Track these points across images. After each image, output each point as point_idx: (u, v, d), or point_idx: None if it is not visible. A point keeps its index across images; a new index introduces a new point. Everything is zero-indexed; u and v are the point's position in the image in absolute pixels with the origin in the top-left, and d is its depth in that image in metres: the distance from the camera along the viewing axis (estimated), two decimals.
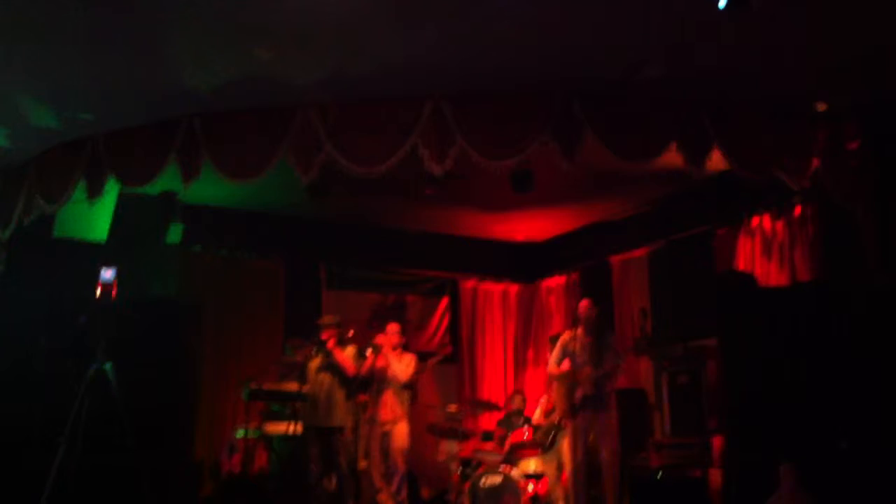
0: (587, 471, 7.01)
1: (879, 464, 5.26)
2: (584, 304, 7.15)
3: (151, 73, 5.53)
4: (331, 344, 7.21)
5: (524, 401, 8.98)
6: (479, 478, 7.77)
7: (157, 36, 5.03)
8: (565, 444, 7.70)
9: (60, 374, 5.60)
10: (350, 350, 7.33)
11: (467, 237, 10.18)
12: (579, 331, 7.03)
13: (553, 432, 7.93)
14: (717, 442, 6.91)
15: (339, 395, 7.22)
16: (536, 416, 8.30)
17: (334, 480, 7.31)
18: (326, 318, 7.48)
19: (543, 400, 8.63)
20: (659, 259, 8.80)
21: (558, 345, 7.25)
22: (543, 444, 8.04)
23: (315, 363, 7.32)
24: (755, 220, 7.53)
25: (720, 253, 7.92)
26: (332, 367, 7.23)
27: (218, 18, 4.82)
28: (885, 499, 5.18)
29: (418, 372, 7.64)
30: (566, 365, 7.07)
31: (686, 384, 7.63)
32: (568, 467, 7.41)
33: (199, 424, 7.62)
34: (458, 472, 8.04)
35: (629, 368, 8.49)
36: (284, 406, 7.88)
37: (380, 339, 7.53)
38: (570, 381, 6.99)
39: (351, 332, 7.39)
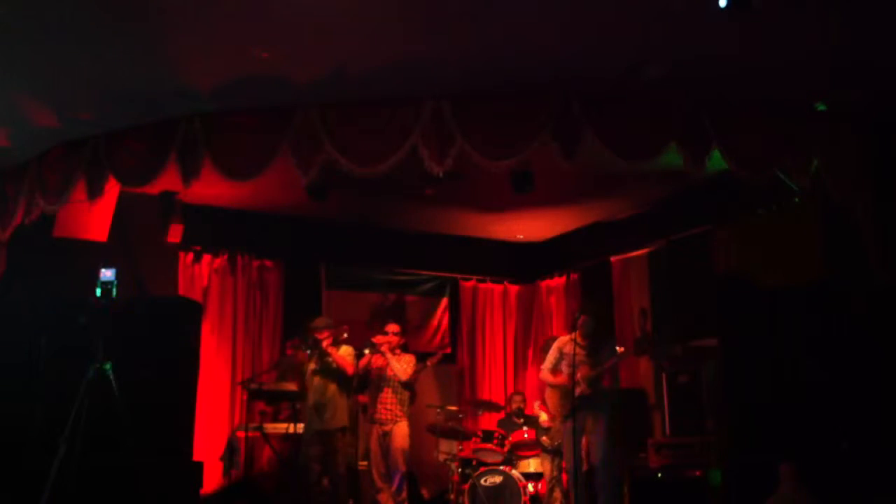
0: (584, 472, 7.01)
1: (879, 464, 5.27)
2: (581, 320, 7.06)
3: (151, 73, 5.54)
4: (326, 344, 7.19)
5: (524, 401, 8.99)
6: (479, 478, 7.79)
7: (158, 36, 5.03)
8: (565, 446, 7.72)
9: (60, 374, 5.59)
10: (346, 350, 7.32)
11: (467, 237, 10.19)
12: (577, 334, 6.99)
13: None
14: (717, 442, 6.91)
15: (338, 396, 7.19)
16: (543, 418, 8.30)
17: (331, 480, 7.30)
18: (319, 321, 7.44)
19: (537, 404, 8.60)
20: (659, 259, 8.80)
21: (553, 349, 7.19)
22: (551, 445, 8.04)
23: (311, 366, 7.30)
24: None
25: (720, 253, 7.92)
26: (328, 368, 7.21)
27: (218, 18, 4.82)
28: (885, 499, 5.18)
29: (418, 372, 7.63)
30: (561, 375, 7.04)
31: (686, 384, 7.63)
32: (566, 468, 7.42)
33: (199, 424, 7.62)
34: (458, 472, 8.05)
35: (629, 368, 8.51)
36: (278, 408, 7.88)
37: (378, 338, 7.53)
38: (565, 387, 6.94)
39: (345, 333, 7.36)
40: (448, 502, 8.22)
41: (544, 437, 8.16)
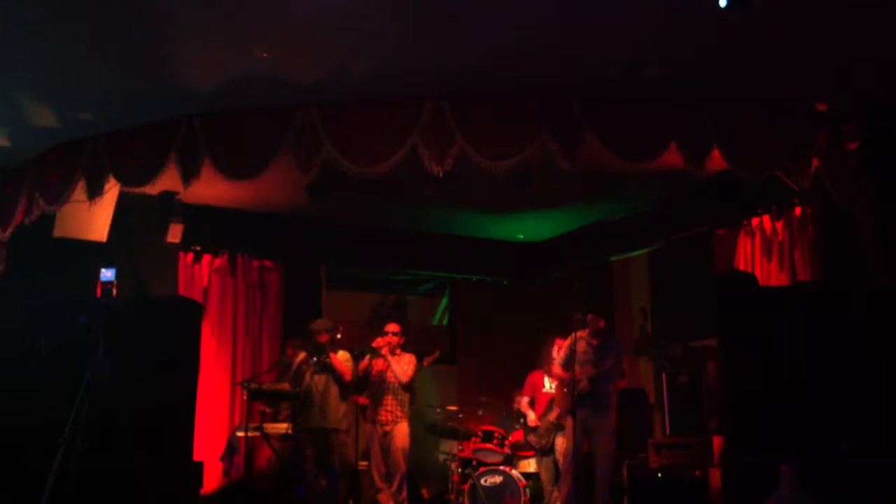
0: (580, 468, 7.03)
1: (879, 464, 5.27)
2: (589, 318, 7.16)
3: (151, 73, 5.53)
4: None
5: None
6: (479, 478, 7.78)
7: (158, 36, 5.03)
8: (559, 444, 7.73)
9: (60, 374, 5.59)
10: (343, 354, 7.32)
11: (467, 237, 10.18)
12: (586, 333, 7.08)
13: (552, 433, 7.94)
14: (717, 442, 6.92)
15: (335, 396, 7.21)
16: (531, 417, 8.28)
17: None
18: (320, 323, 7.44)
19: (525, 401, 8.50)
20: (659, 259, 8.80)
21: (565, 346, 7.27)
22: (542, 445, 8.04)
23: (311, 368, 7.29)
24: (755, 220, 7.53)
25: (720, 253, 7.93)
26: (327, 369, 7.21)
27: (218, 18, 4.82)
28: (885, 499, 5.18)
29: (417, 372, 7.63)
30: (568, 369, 7.11)
31: (686, 384, 7.64)
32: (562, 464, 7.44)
33: (199, 424, 7.61)
34: (458, 472, 8.04)
35: (629, 369, 8.51)
36: (277, 408, 7.87)
37: (378, 341, 7.51)
38: (571, 382, 7.01)
39: (340, 333, 7.35)
40: (448, 502, 8.21)
41: (531, 437, 8.15)
